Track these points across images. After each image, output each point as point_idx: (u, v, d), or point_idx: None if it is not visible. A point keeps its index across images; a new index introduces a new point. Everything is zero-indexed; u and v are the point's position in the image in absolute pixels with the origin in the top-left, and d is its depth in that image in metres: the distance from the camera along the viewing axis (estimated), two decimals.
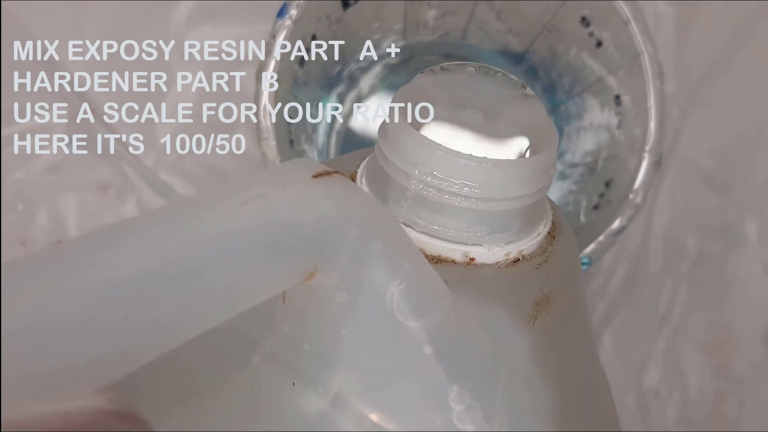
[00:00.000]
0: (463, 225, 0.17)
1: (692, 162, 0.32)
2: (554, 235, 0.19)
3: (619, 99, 0.28)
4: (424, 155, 0.17)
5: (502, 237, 0.17)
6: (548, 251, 0.18)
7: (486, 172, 0.16)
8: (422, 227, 0.17)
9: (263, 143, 0.25)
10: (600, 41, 0.28)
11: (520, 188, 0.17)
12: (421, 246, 0.17)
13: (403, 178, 0.17)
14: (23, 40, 0.31)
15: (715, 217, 0.32)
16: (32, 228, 0.31)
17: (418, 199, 0.17)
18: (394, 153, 0.17)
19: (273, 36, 0.25)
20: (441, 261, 0.17)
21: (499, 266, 0.17)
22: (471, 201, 0.17)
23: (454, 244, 0.17)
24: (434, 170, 0.17)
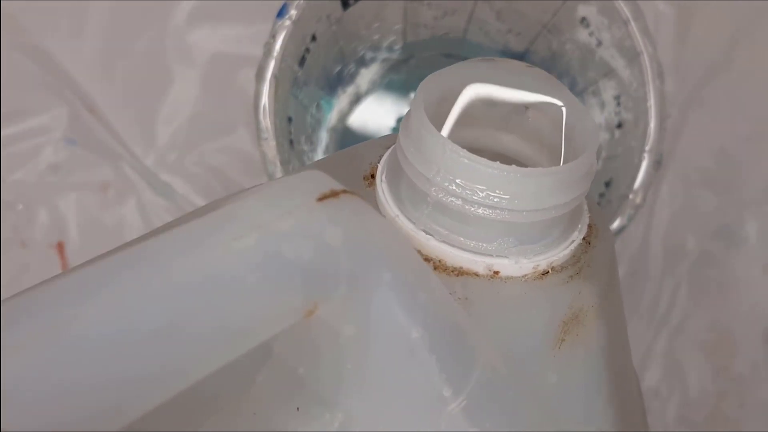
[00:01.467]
0: (488, 236, 0.16)
1: (692, 162, 0.32)
2: (590, 240, 0.17)
3: (619, 99, 0.28)
4: (447, 161, 0.15)
5: (530, 248, 0.16)
6: (582, 260, 0.17)
7: (515, 182, 0.15)
8: (443, 236, 0.16)
9: (263, 143, 0.25)
10: (600, 41, 0.28)
11: (553, 198, 0.15)
12: (441, 256, 0.16)
13: (423, 182, 0.16)
14: (23, 40, 0.31)
15: (715, 217, 0.32)
16: (32, 228, 0.31)
17: (439, 206, 0.16)
18: (414, 153, 0.16)
19: (273, 36, 0.25)
20: (462, 273, 0.16)
21: (526, 279, 0.16)
22: (497, 212, 0.15)
23: (478, 255, 0.16)
24: (457, 178, 0.15)
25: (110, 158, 0.31)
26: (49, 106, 0.31)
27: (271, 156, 0.25)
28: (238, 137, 0.32)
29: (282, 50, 0.25)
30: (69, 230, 0.31)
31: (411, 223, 0.16)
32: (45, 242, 0.31)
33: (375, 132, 0.31)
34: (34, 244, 0.31)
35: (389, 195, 0.17)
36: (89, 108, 0.32)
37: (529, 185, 0.15)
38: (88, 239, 0.31)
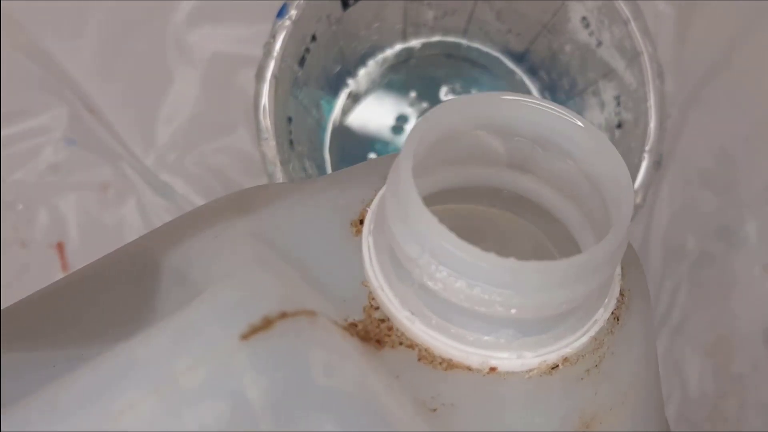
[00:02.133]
0: (483, 326, 0.13)
1: (692, 162, 0.32)
2: (619, 314, 0.14)
3: (619, 99, 0.28)
4: (433, 245, 0.12)
5: (536, 340, 0.13)
6: (605, 346, 0.13)
7: (517, 277, 0.12)
8: (430, 321, 0.13)
9: (263, 143, 0.25)
10: (600, 41, 0.28)
11: (568, 292, 0.12)
12: (427, 344, 0.13)
13: (407, 259, 0.13)
14: (23, 40, 0.31)
15: (715, 217, 0.32)
16: (32, 228, 0.31)
17: (426, 289, 0.13)
18: (397, 221, 0.13)
19: (273, 36, 0.25)
20: (452, 366, 0.13)
21: (530, 376, 0.13)
22: (495, 309, 0.12)
23: (471, 346, 0.13)
24: (445, 266, 0.12)
25: (110, 158, 0.31)
26: (49, 106, 0.31)
27: (271, 156, 0.25)
28: (238, 137, 0.32)
29: (282, 50, 0.25)
30: (69, 230, 0.31)
31: (396, 298, 0.14)
32: (45, 242, 0.31)
33: (375, 132, 0.31)
34: (34, 244, 0.31)
35: (375, 256, 0.14)
36: (89, 108, 0.32)
37: (536, 280, 0.12)
38: (88, 239, 0.31)
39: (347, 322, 0.14)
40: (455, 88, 0.32)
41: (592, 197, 0.14)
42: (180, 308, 0.12)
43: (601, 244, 0.12)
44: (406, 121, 0.31)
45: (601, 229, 0.14)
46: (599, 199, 0.14)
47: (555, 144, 0.14)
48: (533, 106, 0.14)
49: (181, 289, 0.14)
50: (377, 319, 0.14)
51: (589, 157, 0.14)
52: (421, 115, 0.32)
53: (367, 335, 0.13)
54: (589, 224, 0.15)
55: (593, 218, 0.15)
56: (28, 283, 0.31)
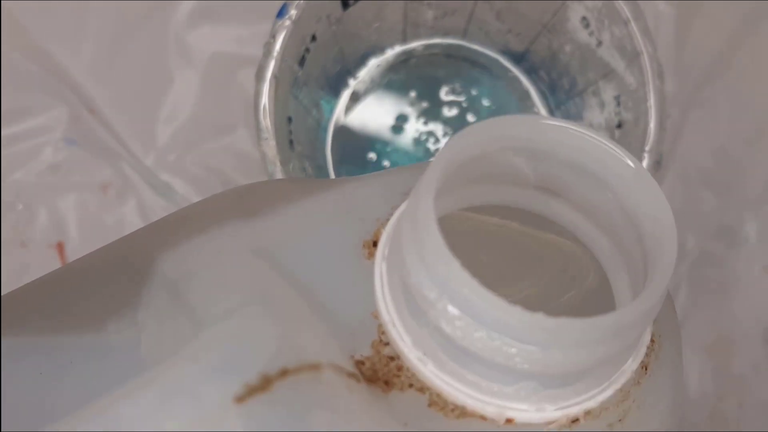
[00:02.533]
0: (502, 377, 0.12)
1: (692, 162, 0.32)
2: (648, 364, 0.13)
3: (619, 99, 0.28)
4: (452, 290, 0.11)
5: (558, 393, 0.12)
6: (630, 398, 0.12)
7: (542, 333, 0.11)
8: (444, 365, 0.12)
9: (263, 143, 0.25)
10: (600, 41, 0.28)
11: (596, 350, 0.11)
12: (439, 390, 0.12)
13: (422, 299, 0.12)
14: (23, 40, 0.31)
15: (715, 217, 0.32)
16: (32, 228, 0.31)
17: (440, 332, 0.12)
18: (414, 255, 0.12)
19: (273, 36, 0.25)
20: (465, 415, 0.12)
21: (549, 430, 0.12)
22: (517, 362, 0.11)
23: (488, 395, 0.12)
24: (462, 310, 0.11)
25: (110, 158, 0.31)
26: (49, 106, 0.31)
27: (271, 156, 0.25)
28: (238, 137, 0.32)
29: (282, 50, 0.25)
30: (69, 230, 0.31)
31: (408, 335, 0.13)
32: (45, 242, 0.31)
33: (375, 132, 0.31)
34: (34, 244, 0.31)
35: (387, 285, 0.13)
36: (89, 108, 0.32)
37: (566, 338, 0.11)
38: (88, 239, 0.31)
39: (353, 359, 0.13)
40: (455, 88, 0.32)
41: (628, 234, 0.13)
42: (169, 355, 0.11)
43: (640, 300, 0.11)
44: (406, 120, 0.31)
45: (636, 270, 0.13)
46: (636, 238, 0.13)
47: (592, 173, 0.13)
48: (574, 132, 0.13)
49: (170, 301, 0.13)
50: (386, 356, 0.13)
51: (630, 194, 0.13)
52: (421, 115, 0.32)
53: (375, 375, 0.13)
54: (622, 260, 0.14)
55: (628, 255, 0.14)
56: None
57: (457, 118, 0.31)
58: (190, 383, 0.10)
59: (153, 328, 0.13)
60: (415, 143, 0.31)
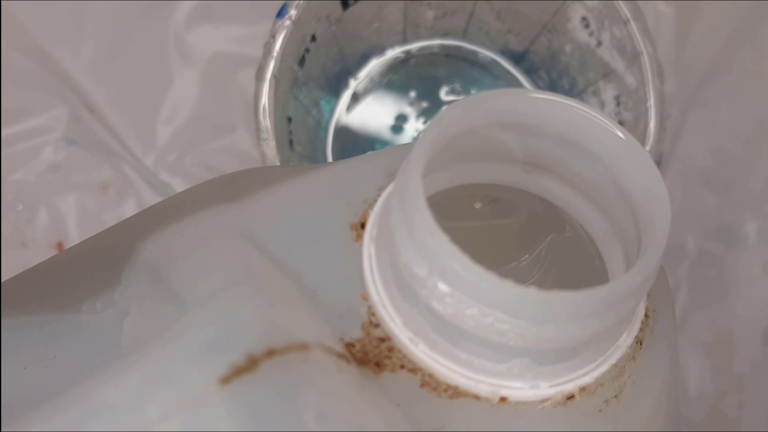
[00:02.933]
0: (494, 355, 0.12)
1: (692, 162, 0.32)
2: (642, 339, 0.13)
3: (619, 99, 0.28)
4: (442, 266, 0.11)
5: (552, 370, 0.12)
6: (626, 374, 0.12)
7: (535, 308, 0.11)
8: (435, 344, 0.12)
9: (263, 143, 0.25)
10: (600, 41, 0.28)
11: (590, 324, 0.11)
12: (431, 370, 0.12)
13: (412, 277, 0.12)
14: (23, 40, 0.31)
15: (715, 217, 0.32)
16: (32, 228, 0.31)
17: (431, 310, 0.12)
18: (403, 232, 0.12)
19: (273, 36, 0.25)
20: (458, 395, 0.12)
21: (544, 407, 0.12)
22: (509, 338, 0.11)
23: (481, 374, 0.12)
24: (453, 287, 0.11)
25: (110, 158, 0.31)
26: (49, 106, 0.31)
27: (271, 156, 0.25)
28: (238, 137, 0.32)
29: (282, 50, 0.25)
30: (69, 230, 0.31)
31: (398, 316, 0.13)
32: (45, 242, 0.31)
33: (375, 132, 0.31)
34: (34, 244, 0.31)
35: (376, 267, 0.13)
36: (89, 108, 0.32)
37: (558, 312, 0.11)
38: None
39: (343, 341, 0.12)
40: (455, 88, 0.32)
41: (620, 208, 0.13)
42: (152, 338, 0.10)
43: (632, 272, 0.11)
44: (406, 120, 0.31)
45: (630, 243, 0.13)
46: (629, 211, 0.13)
47: (582, 146, 0.13)
48: (562, 104, 0.13)
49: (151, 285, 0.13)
50: (377, 338, 0.12)
51: (622, 167, 0.13)
52: (421, 115, 0.32)
53: (366, 357, 0.12)
54: (615, 234, 0.14)
55: (621, 229, 0.13)
56: None
57: None
58: (172, 365, 0.10)
59: (133, 309, 0.12)
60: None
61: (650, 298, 0.13)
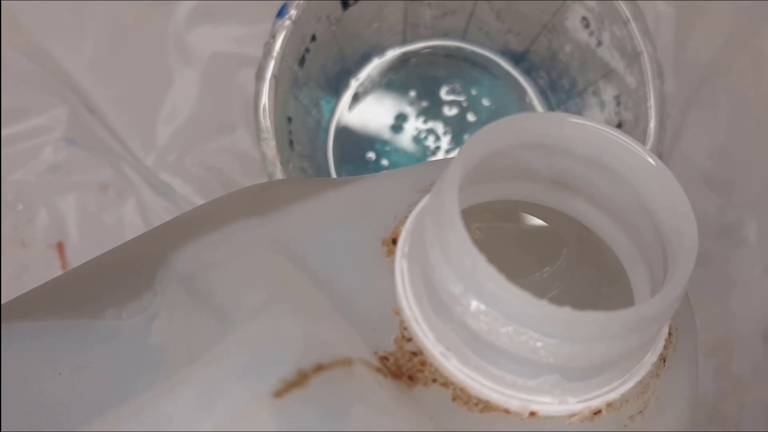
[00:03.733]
0: (526, 371, 0.12)
1: (692, 162, 0.32)
2: (666, 356, 0.13)
3: (619, 99, 0.28)
4: (477, 285, 0.12)
5: (581, 386, 0.12)
6: (650, 390, 0.13)
7: (567, 327, 0.11)
8: (468, 360, 0.12)
9: (263, 143, 0.25)
10: (600, 41, 0.28)
11: (620, 344, 0.12)
12: (463, 384, 0.12)
13: (447, 294, 0.12)
14: (23, 40, 0.31)
15: (715, 217, 0.32)
16: (32, 228, 0.31)
17: (465, 326, 0.12)
18: (437, 251, 0.12)
19: (273, 36, 0.25)
20: (489, 409, 0.12)
21: (571, 422, 0.12)
22: (541, 356, 0.12)
23: (511, 389, 0.12)
24: (489, 307, 0.12)
25: (110, 158, 0.31)
26: (49, 106, 0.31)
27: (271, 156, 0.25)
28: (238, 137, 0.32)
29: (282, 50, 0.25)
30: (69, 230, 0.31)
31: (431, 331, 0.13)
32: (45, 242, 0.31)
33: (375, 132, 0.31)
34: (34, 244, 0.31)
35: (408, 282, 0.13)
36: (89, 108, 0.32)
37: (590, 331, 0.11)
38: (88, 239, 0.31)
39: (377, 355, 0.13)
40: (455, 87, 0.32)
41: (646, 228, 0.13)
42: (197, 353, 0.11)
43: (663, 294, 0.11)
44: (406, 120, 0.31)
45: (655, 263, 0.13)
46: (655, 232, 0.13)
47: (610, 169, 0.13)
48: (592, 129, 0.13)
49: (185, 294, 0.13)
50: (409, 352, 0.13)
51: (649, 189, 0.13)
52: (421, 114, 0.32)
53: (399, 370, 0.13)
54: (639, 253, 0.14)
55: (646, 249, 0.14)
56: (28, 283, 0.31)
57: (457, 118, 0.31)
58: (225, 381, 0.10)
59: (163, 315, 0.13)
60: (414, 142, 0.31)
61: (674, 316, 0.13)
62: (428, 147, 0.31)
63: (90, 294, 0.14)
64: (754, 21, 0.32)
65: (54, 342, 0.13)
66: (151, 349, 0.12)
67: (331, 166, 0.31)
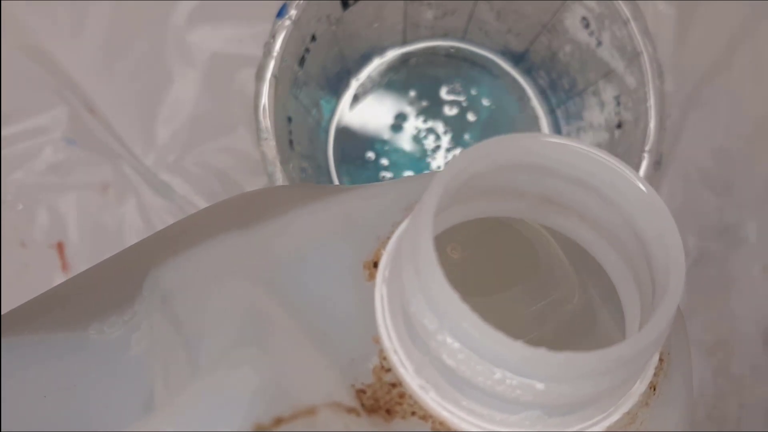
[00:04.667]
0: (505, 406, 0.12)
1: (692, 162, 0.32)
2: (656, 384, 0.13)
3: (619, 99, 0.28)
4: (452, 324, 0.11)
5: (563, 420, 0.12)
6: (638, 420, 0.12)
7: (547, 369, 0.11)
8: (447, 394, 0.12)
9: (263, 143, 0.25)
10: (600, 41, 0.28)
11: (602, 381, 0.11)
12: (442, 418, 0.12)
13: (422, 329, 0.12)
14: (23, 40, 0.31)
15: (715, 217, 0.32)
16: (32, 228, 0.31)
17: (440, 361, 0.12)
18: (412, 279, 0.12)
19: (273, 36, 0.25)
20: None
21: None
22: (519, 394, 0.11)
23: (491, 423, 0.12)
24: (461, 343, 0.11)
25: (110, 158, 0.31)
26: (49, 106, 0.31)
27: (271, 156, 0.25)
28: (238, 137, 0.32)
29: (282, 50, 0.25)
30: (69, 230, 0.31)
31: (410, 363, 0.12)
32: (45, 242, 0.31)
33: (375, 132, 0.31)
34: (34, 244, 0.31)
35: (388, 310, 0.13)
36: (89, 108, 0.32)
37: (564, 373, 0.11)
38: (88, 239, 0.31)
39: (354, 388, 0.12)
40: (455, 87, 0.32)
41: (635, 249, 0.13)
42: (170, 399, 0.10)
43: (645, 331, 0.11)
44: (406, 119, 0.31)
45: (644, 286, 0.13)
46: (644, 255, 0.13)
47: (597, 189, 0.13)
48: (576, 149, 0.13)
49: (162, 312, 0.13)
50: (388, 383, 0.12)
51: (640, 218, 0.13)
52: (421, 113, 0.32)
53: (377, 403, 0.12)
54: (630, 272, 0.14)
55: (636, 269, 0.13)
56: (28, 283, 0.31)
57: (457, 117, 0.31)
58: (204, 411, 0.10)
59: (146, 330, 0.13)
60: (414, 141, 0.31)
61: (665, 341, 0.13)
62: (428, 147, 0.31)
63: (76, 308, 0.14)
64: (754, 21, 0.32)
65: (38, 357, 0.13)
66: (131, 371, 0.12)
67: (331, 165, 0.31)
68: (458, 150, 0.31)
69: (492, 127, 0.31)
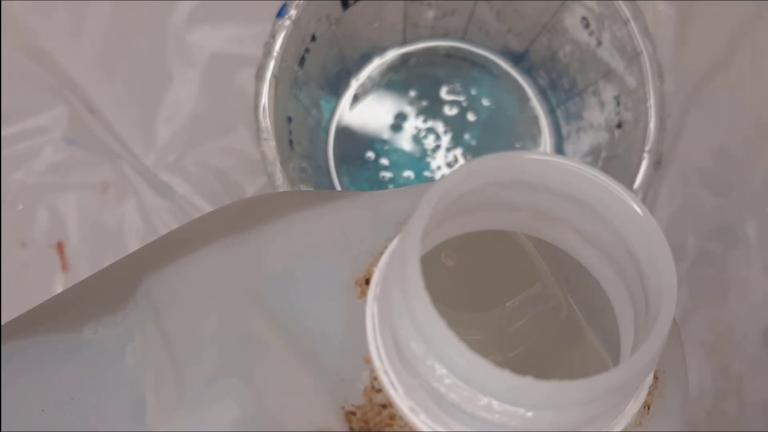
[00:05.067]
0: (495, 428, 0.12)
1: (692, 162, 0.32)
2: (650, 403, 0.12)
3: (619, 99, 0.28)
4: (439, 350, 0.11)
5: None
6: None
7: (528, 397, 0.11)
8: (435, 416, 0.12)
9: (263, 143, 0.25)
10: (600, 41, 0.28)
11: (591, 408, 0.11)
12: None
13: (411, 354, 0.12)
14: (23, 40, 0.31)
15: (715, 217, 0.32)
16: (32, 228, 0.31)
17: (429, 386, 0.12)
18: (401, 306, 0.12)
19: (273, 36, 0.25)
20: None
21: None
22: (507, 420, 0.11)
23: None
24: (450, 370, 0.11)
25: (110, 158, 0.31)
26: (49, 106, 0.31)
27: (271, 156, 0.25)
28: (238, 137, 0.32)
29: (282, 50, 0.25)
30: (69, 230, 0.31)
31: (400, 384, 0.12)
32: (45, 242, 0.31)
33: (375, 131, 0.31)
34: (34, 244, 0.31)
35: (379, 331, 0.13)
36: (89, 108, 0.32)
37: (556, 401, 0.11)
38: (88, 239, 0.31)
39: (344, 410, 0.12)
40: (455, 87, 0.32)
41: (630, 268, 0.13)
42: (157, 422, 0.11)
43: (635, 358, 0.11)
44: (405, 119, 0.31)
45: (637, 303, 0.13)
46: (637, 271, 0.13)
47: (588, 206, 0.13)
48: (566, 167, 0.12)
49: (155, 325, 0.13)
50: (378, 404, 0.12)
51: (630, 234, 0.12)
52: (421, 113, 0.32)
53: (366, 425, 0.12)
54: (623, 285, 0.13)
55: (629, 283, 0.13)
56: (28, 283, 0.31)
57: (457, 117, 0.31)
58: None
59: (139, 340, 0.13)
60: (414, 141, 0.31)
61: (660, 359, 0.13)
62: (428, 146, 0.31)
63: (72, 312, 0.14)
64: (754, 21, 0.32)
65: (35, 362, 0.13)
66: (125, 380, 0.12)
67: (331, 166, 0.31)
68: (458, 150, 0.31)
69: (492, 127, 0.31)
